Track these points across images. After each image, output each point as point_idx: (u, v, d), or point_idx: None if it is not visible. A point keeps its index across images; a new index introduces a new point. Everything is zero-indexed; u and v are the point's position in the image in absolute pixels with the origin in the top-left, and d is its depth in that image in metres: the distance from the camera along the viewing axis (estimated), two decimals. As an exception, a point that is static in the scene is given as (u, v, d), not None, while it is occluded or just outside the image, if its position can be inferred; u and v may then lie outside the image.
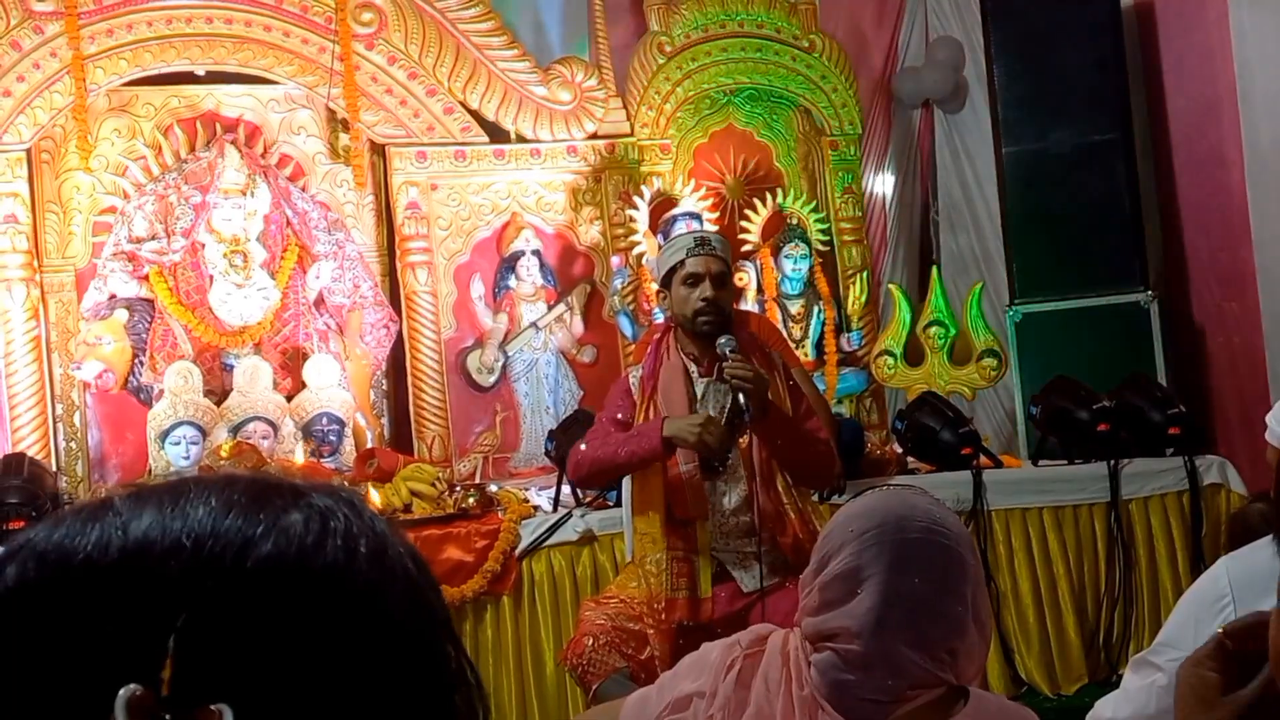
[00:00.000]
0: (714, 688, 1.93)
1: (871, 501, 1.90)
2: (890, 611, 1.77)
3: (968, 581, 1.82)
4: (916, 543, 1.80)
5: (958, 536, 1.85)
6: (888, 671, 1.78)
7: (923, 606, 1.79)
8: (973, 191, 7.26)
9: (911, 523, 1.82)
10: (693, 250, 4.00)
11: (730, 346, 3.84)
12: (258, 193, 5.97)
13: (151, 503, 0.71)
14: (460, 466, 6.14)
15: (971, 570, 1.83)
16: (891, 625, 1.77)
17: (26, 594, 0.68)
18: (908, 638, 1.78)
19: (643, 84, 6.61)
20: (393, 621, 0.71)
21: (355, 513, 0.74)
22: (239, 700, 0.63)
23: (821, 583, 1.85)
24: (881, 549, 1.80)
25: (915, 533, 1.81)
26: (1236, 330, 6.13)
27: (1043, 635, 5.42)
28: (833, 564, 1.84)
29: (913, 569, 1.79)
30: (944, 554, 1.81)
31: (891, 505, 1.87)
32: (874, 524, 1.83)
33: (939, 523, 1.84)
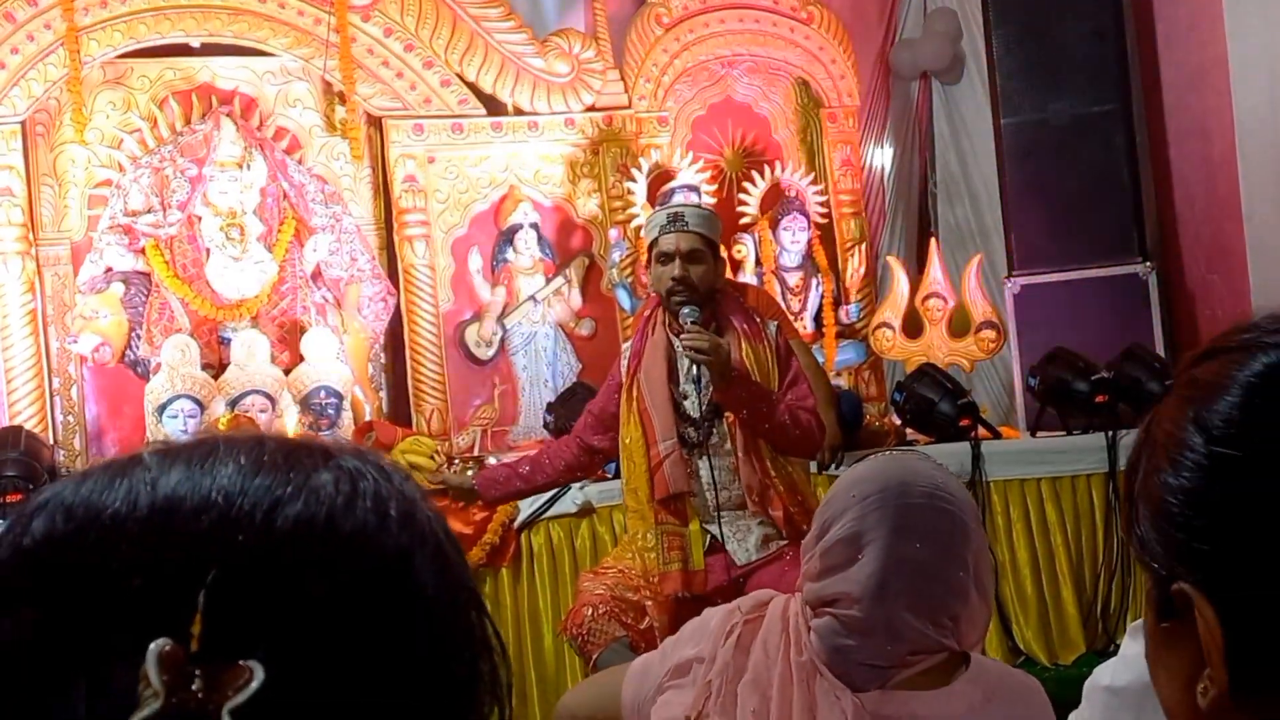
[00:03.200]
0: (713, 653, 1.93)
1: (874, 466, 1.89)
2: (892, 576, 1.76)
3: (970, 547, 1.81)
4: (919, 508, 1.79)
5: (961, 502, 1.84)
6: (888, 637, 1.77)
7: (924, 572, 1.78)
8: (970, 163, 7.25)
9: (914, 488, 1.81)
10: (665, 228, 3.96)
11: (692, 318, 3.83)
12: (254, 165, 5.95)
13: (181, 460, 0.71)
14: (459, 439, 6.15)
15: (974, 536, 1.82)
16: (893, 590, 1.76)
17: (55, 547, 0.68)
18: (909, 603, 1.77)
19: (640, 56, 6.59)
20: (421, 585, 0.71)
21: (384, 475, 0.73)
22: (268, 658, 0.63)
23: (823, 548, 1.84)
24: (884, 514, 1.79)
25: (918, 498, 1.80)
26: (1220, 303, 6.14)
27: (1041, 605, 5.43)
28: (834, 529, 1.83)
29: (915, 534, 1.78)
30: (947, 519, 1.80)
31: (894, 470, 1.86)
32: (876, 489, 1.82)
33: (942, 488, 1.82)
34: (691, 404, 3.96)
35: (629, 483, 4.07)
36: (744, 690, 1.88)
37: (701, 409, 3.94)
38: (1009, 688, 1.89)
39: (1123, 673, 2.54)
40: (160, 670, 0.61)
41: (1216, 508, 0.81)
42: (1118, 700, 2.54)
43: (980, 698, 1.82)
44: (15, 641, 0.65)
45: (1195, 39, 6.15)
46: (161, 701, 0.60)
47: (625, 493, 4.13)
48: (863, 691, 1.81)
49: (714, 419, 3.94)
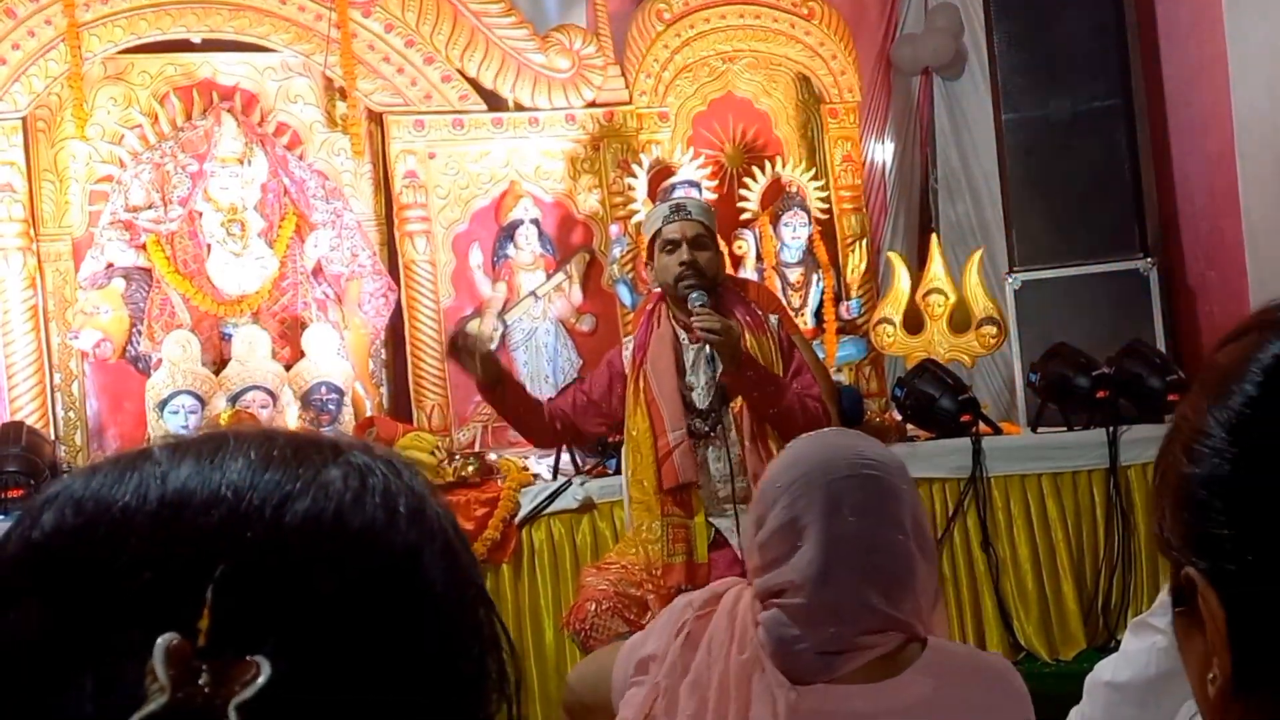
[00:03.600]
0: (664, 650, 1.90)
1: (796, 451, 1.87)
2: (831, 556, 1.73)
3: (905, 508, 1.78)
4: (845, 481, 1.76)
5: (887, 465, 1.81)
6: (835, 619, 1.73)
7: (863, 543, 1.74)
8: (971, 159, 7.24)
9: (837, 463, 1.78)
10: (668, 218, 4.01)
11: (701, 301, 3.85)
12: (255, 161, 5.95)
13: (190, 454, 0.71)
14: (460, 435, 6.15)
15: (906, 496, 1.79)
16: (835, 570, 1.73)
17: (64, 541, 0.68)
18: (853, 580, 1.73)
19: (641, 51, 6.58)
20: (429, 581, 0.71)
21: (394, 471, 0.73)
22: (276, 653, 0.63)
23: (761, 541, 1.81)
24: (811, 496, 1.76)
25: (843, 471, 1.77)
26: (1217, 300, 6.14)
27: (1041, 601, 5.44)
28: (768, 521, 1.80)
29: (845, 508, 1.75)
30: (875, 485, 1.77)
31: (815, 450, 1.84)
32: (800, 472, 1.79)
33: (865, 456, 1.80)
34: (699, 395, 3.98)
35: (635, 474, 4.07)
36: (685, 691, 1.85)
37: (708, 400, 3.96)
38: (968, 672, 1.83)
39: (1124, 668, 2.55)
40: (167, 665, 0.61)
41: (1229, 494, 0.80)
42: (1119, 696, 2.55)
43: (931, 686, 1.76)
44: (24, 635, 0.65)
45: (1196, 35, 6.15)
46: (168, 696, 0.60)
47: (630, 484, 4.14)
48: (808, 684, 1.76)
49: (720, 410, 3.95)
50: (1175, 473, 0.84)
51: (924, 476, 5.42)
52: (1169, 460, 0.86)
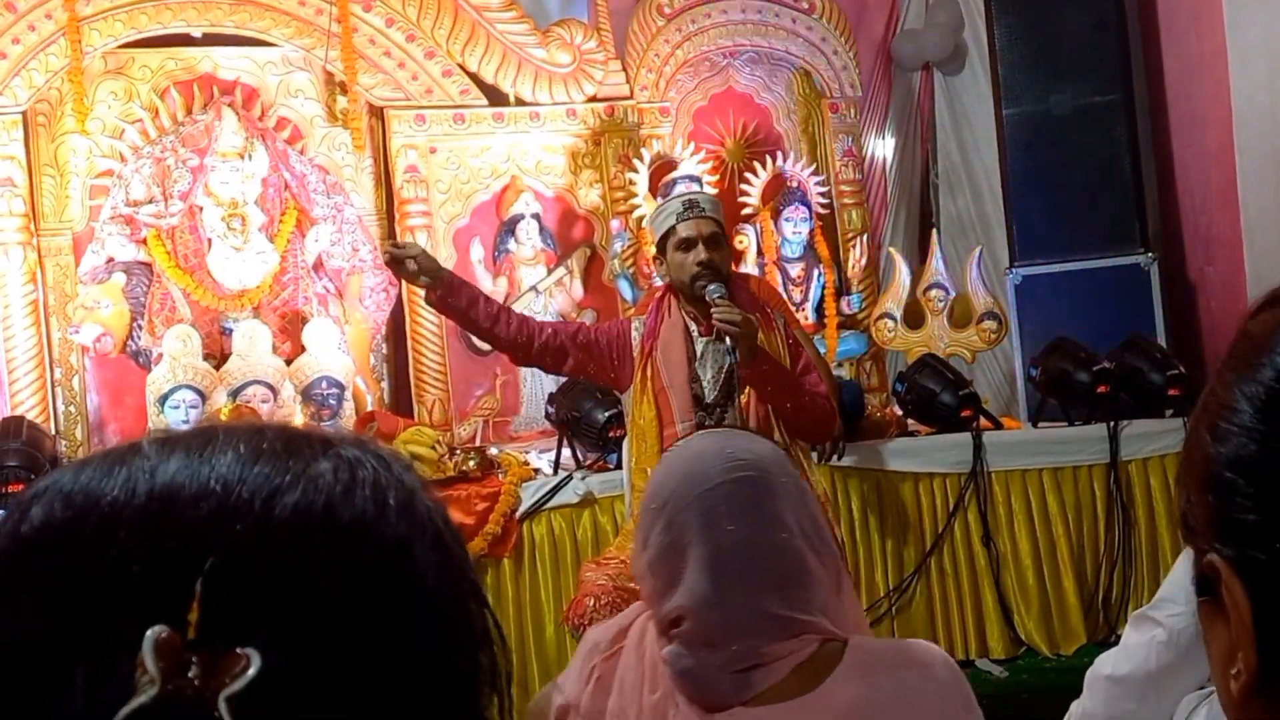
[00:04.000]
0: (578, 697, 1.80)
1: (664, 469, 1.78)
2: (717, 573, 1.64)
3: (785, 504, 1.68)
4: (717, 489, 1.67)
5: (759, 462, 1.71)
6: (734, 637, 1.63)
7: (746, 551, 1.64)
8: (972, 154, 7.24)
9: (706, 472, 1.69)
10: (682, 215, 3.99)
11: (719, 293, 3.84)
12: (255, 156, 5.94)
13: (180, 448, 0.71)
14: (460, 430, 6.15)
15: (784, 490, 1.69)
16: (723, 586, 1.63)
17: (53, 534, 0.67)
18: (745, 591, 1.63)
19: (642, 46, 6.58)
20: (420, 574, 0.70)
21: (384, 464, 0.73)
22: (266, 646, 0.63)
23: (647, 568, 1.72)
24: (686, 513, 1.67)
25: (714, 479, 1.67)
26: (1217, 294, 6.14)
27: (1042, 596, 5.44)
28: (650, 546, 1.70)
29: (722, 518, 1.65)
30: (749, 487, 1.67)
31: (683, 464, 1.74)
32: (670, 491, 1.70)
33: (734, 457, 1.70)
34: (707, 387, 3.97)
35: (639, 463, 4.07)
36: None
37: (716, 392, 3.96)
38: (896, 668, 1.68)
39: (1124, 662, 2.55)
40: (157, 657, 0.61)
41: (1256, 476, 0.74)
42: (1119, 689, 2.56)
43: (859, 690, 1.63)
44: (14, 630, 0.65)
45: (1196, 30, 6.15)
46: (158, 688, 0.60)
47: (633, 474, 4.13)
48: (724, 710, 1.64)
49: (727, 402, 3.95)
50: (1200, 452, 0.78)
51: (925, 471, 5.43)
52: (1194, 439, 0.80)
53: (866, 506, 5.36)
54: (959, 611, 5.43)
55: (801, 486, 1.75)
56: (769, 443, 1.81)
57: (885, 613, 5.33)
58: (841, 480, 5.33)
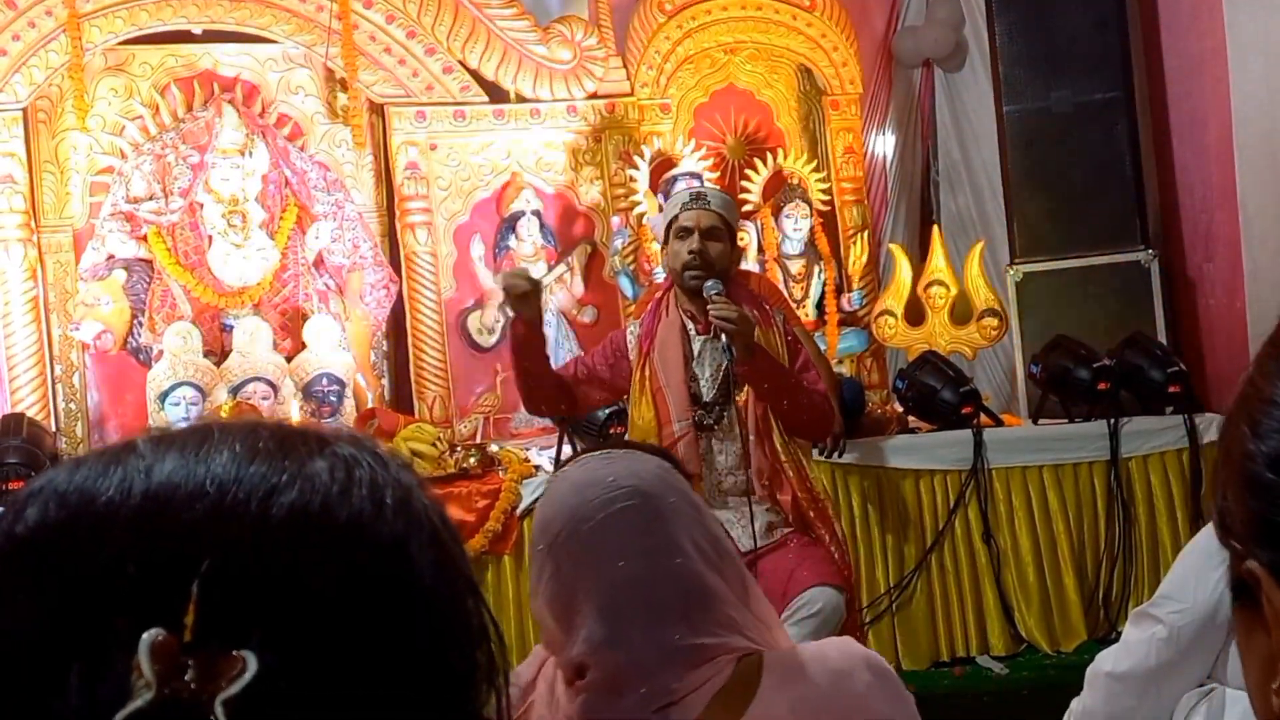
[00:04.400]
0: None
1: (546, 505, 1.66)
2: (611, 615, 1.53)
3: (677, 525, 1.57)
4: (600, 525, 1.56)
5: (642, 485, 1.59)
6: (642, 678, 1.52)
7: (641, 585, 1.54)
8: (973, 151, 7.23)
9: (587, 507, 1.57)
10: (687, 205, 4.00)
11: (716, 290, 3.83)
12: (256, 152, 5.94)
13: (175, 447, 0.71)
14: (461, 427, 6.15)
15: (674, 511, 1.59)
16: (620, 628, 1.53)
17: (48, 534, 0.67)
18: (644, 629, 1.53)
19: (643, 43, 6.57)
20: (417, 572, 0.70)
21: (380, 463, 0.73)
22: (262, 647, 0.62)
23: (543, 610, 1.61)
24: (571, 555, 1.57)
25: (596, 514, 1.56)
26: (1215, 292, 6.13)
27: (1042, 593, 5.44)
28: (542, 593, 1.60)
29: (610, 555, 1.55)
30: (633, 516, 1.56)
31: (562, 503, 1.62)
32: (554, 531, 1.59)
33: (615, 486, 1.58)
34: (705, 386, 3.97)
35: None
36: None
37: (713, 392, 3.95)
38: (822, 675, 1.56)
39: (1124, 659, 2.55)
40: (153, 661, 0.60)
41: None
42: (1119, 686, 2.56)
43: (788, 706, 1.53)
44: (9, 629, 0.65)
45: (1196, 27, 6.14)
46: (154, 692, 0.60)
47: None
48: None
49: (725, 402, 3.94)
50: (1239, 448, 0.73)
51: (925, 468, 5.43)
52: (1232, 432, 0.75)
53: (867, 503, 5.36)
54: (959, 608, 5.44)
55: (693, 501, 1.64)
56: (653, 460, 1.68)
57: (886, 610, 5.34)
58: (842, 477, 5.33)
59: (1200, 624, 2.42)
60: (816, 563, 3.87)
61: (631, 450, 1.70)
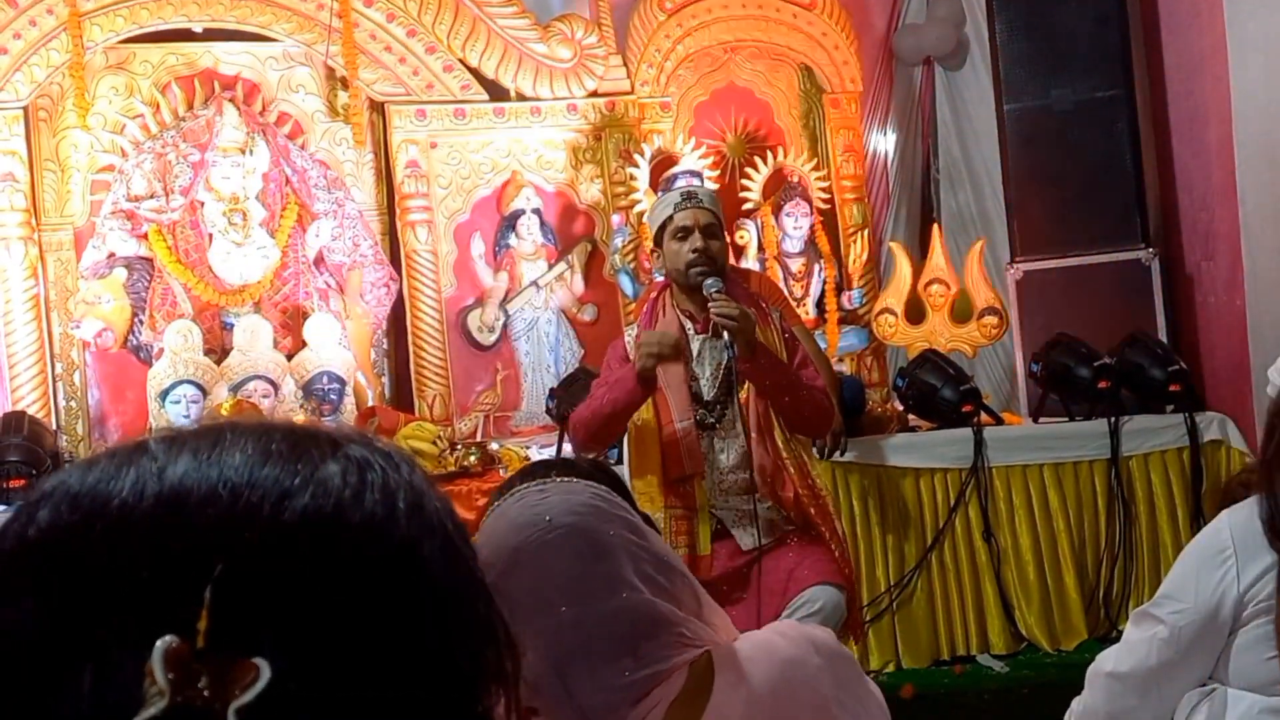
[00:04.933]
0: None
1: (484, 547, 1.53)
2: (556, 660, 1.47)
3: (618, 560, 1.51)
4: (538, 569, 1.49)
5: (578, 524, 1.52)
6: (597, 714, 1.47)
7: (584, 627, 1.48)
8: (973, 149, 7.23)
9: (525, 548, 1.50)
10: (680, 205, 3.99)
11: (716, 288, 3.83)
12: (256, 151, 5.95)
13: (188, 448, 0.70)
14: (461, 425, 6.15)
15: (615, 544, 1.52)
16: (570, 672, 1.47)
17: (60, 537, 0.67)
18: (594, 670, 1.47)
19: (643, 41, 6.57)
20: (429, 576, 0.70)
21: (392, 465, 0.73)
22: (276, 653, 0.62)
23: None
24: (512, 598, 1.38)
25: (531, 553, 1.49)
26: (1212, 290, 6.13)
27: (1043, 592, 5.44)
28: None
29: (551, 599, 1.48)
30: (573, 559, 1.50)
31: (499, 541, 1.54)
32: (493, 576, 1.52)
33: (552, 527, 1.51)
34: (705, 385, 3.96)
35: (639, 464, 4.06)
36: None
37: (714, 390, 3.95)
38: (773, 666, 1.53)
39: (1125, 659, 2.56)
40: (166, 668, 0.60)
41: None
42: (1120, 686, 2.56)
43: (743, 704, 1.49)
44: (20, 632, 0.65)
45: (1196, 25, 6.13)
46: (167, 700, 0.60)
47: (633, 477, 4.12)
48: None
49: (726, 400, 3.94)
50: None
51: (926, 467, 5.43)
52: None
53: (867, 502, 5.35)
54: (960, 607, 5.43)
55: (633, 525, 1.57)
56: (587, 486, 1.60)
57: (886, 608, 5.33)
58: (842, 475, 5.32)
59: (1201, 624, 2.42)
60: (817, 561, 3.87)
61: (567, 477, 1.62)
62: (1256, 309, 5.67)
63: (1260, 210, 5.67)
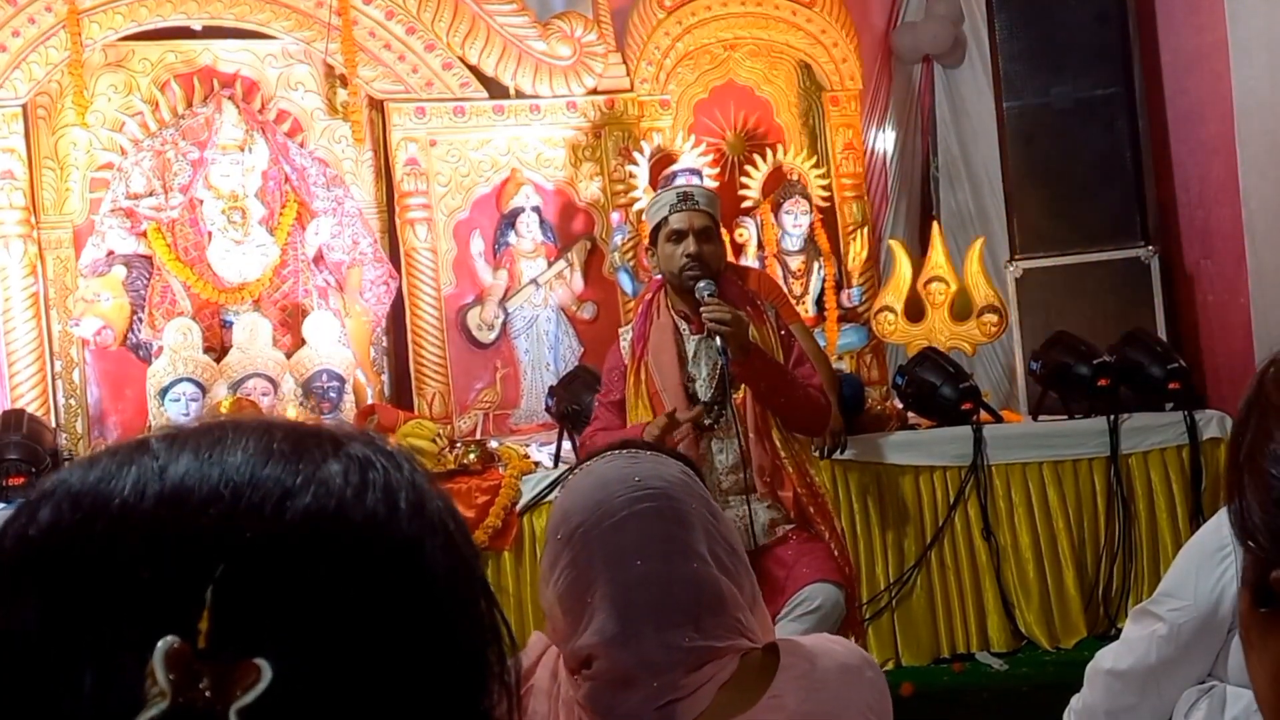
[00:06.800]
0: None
1: (568, 499, 1.68)
2: (626, 612, 1.55)
3: (696, 531, 1.60)
4: (623, 522, 1.59)
5: (666, 490, 1.62)
6: (651, 673, 1.54)
7: (657, 587, 1.56)
8: (972, 147, 7.23)
9: (611, 502, 1.60)
10: (675, 206, 3.97)
11: (709, 291, 3.82)
12: (256, 149, 5.94)
13: (189, 447, 0.70)
14: (461, 423, 6.15)
15: (692, 515, 1.62)
16: (634, 625, 1.55)
17: (61, 537, 0.67)
18: (657, 628, 1.55)
19: (642, 39, 6.57)
20: (431, 575, 0.70)
21: (394, 464, 0.73)
22: (277, 654, 0.62)
23: (555, 603, 1.62)
24: (590, 548, 1.58)
25: (619, 511, 1.59)
26: (1211, 288, 6.13)
27: (1042, 589, 5.44)
28: (557, 581, 1.61)
29: (630, 553, 1.57)
30: (656, 519, 1.59)
31: (587, 495, 1.64)
32: (575, 523, 1.61)
33: (640, 486, 1.61)
34: (701, 386, 3.95)
35: None
36: None
37: (711, 391, 3.94)
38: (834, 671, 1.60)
39: (1124, 656, 2.56)
40: (167, 669, 0.60)
41: None
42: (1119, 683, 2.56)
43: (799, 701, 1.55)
44: (21, 632, 0.64)
45: (1193, 23, 6.13)
46: (168, 701, 0.60)
47: None
48: None
49: (723, 402, 3.93)
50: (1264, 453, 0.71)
51: (925, 464, 5.43)
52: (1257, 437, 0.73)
53: (867, 500, 5.36)
54: (959, 605, 5.44)
55: (713, 509, 1.67)
56: (677, 464, 1.70)
57: (886, 606, 5.34)
58: (842, 473, 5.33)
59: (1201, 621, 2.43)
60: (816, 559, 3.86)
61: (658, 453, 1.72)
62: (1261, 306, 5.67)
63: (1265, 208, 5.67)
